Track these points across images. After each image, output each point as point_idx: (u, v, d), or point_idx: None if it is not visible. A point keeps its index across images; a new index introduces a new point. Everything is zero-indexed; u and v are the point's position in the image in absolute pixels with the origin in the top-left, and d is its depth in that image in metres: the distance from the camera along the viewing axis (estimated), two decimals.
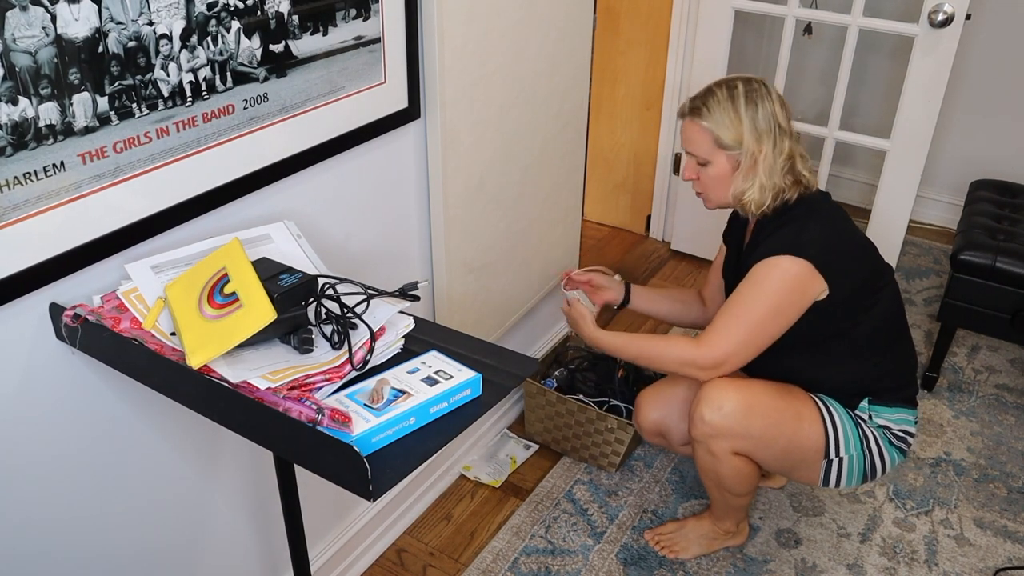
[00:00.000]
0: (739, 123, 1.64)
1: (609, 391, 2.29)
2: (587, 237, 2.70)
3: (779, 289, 1.62)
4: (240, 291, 1.06)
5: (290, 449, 1.02)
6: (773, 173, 1.65)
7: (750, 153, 1.65)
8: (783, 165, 1.66)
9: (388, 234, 1.74)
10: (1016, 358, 2.77)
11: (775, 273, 1.62)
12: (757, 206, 1.68)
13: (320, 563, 1.82)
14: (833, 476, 1.78)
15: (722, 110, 1.65)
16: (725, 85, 1.68)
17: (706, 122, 1.66)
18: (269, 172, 1.37)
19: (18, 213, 1.03)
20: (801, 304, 1.64)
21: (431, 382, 1.07)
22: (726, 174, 1.69)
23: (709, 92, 1.68)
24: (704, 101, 1.67)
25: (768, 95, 1.66)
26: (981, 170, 3.29)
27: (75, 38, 1.03)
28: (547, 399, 2.26)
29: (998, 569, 2.01)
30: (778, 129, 1.65)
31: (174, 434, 1.39)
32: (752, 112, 1.64)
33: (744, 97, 1.65)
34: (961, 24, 2.49)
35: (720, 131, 1.65)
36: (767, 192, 1.66)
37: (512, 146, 1.96)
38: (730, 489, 1.85)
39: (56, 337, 1.14)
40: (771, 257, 1.63)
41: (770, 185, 1.66)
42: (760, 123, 1.64)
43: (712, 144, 1.67)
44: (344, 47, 1.42)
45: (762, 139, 1.64)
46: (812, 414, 1.74)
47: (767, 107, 1.65)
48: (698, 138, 1.69)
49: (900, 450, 1.79)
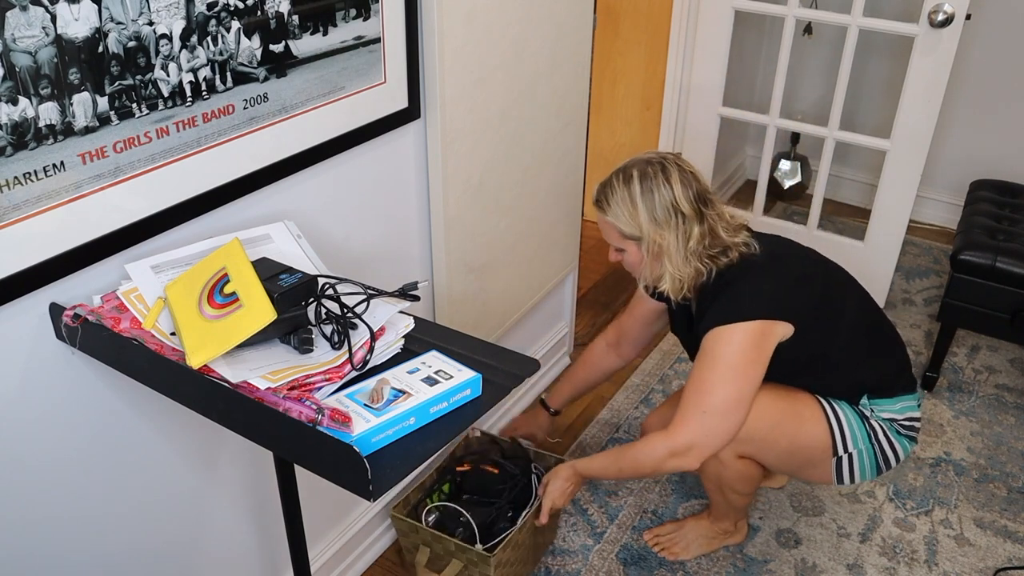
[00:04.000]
0: (636, 214, 1.60)
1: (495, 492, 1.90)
2: (587, 237, 2.70)
3: (734, 353, 1.60)
4: (240, 291, 1.06)
5: (290, 449, 1.02)
6: (681, 262, 1.62)
7: (653, 243, 1.61)
8: (695, 248, 1.61)
9: (388, 234, 1.74)
10: (1016, 358, 2.77)
11: (723, 341, 1.60)
12: (675, 293, 1.66)
13: (320, 563, 1.82)
14: (846, 473, 1.78)
15: (618, 201, 1.62)
16: (622, 174, 1.63)
17: (608, 216, 1.64)
18: (269, 172, 1.37)
19: (18, 213, 1.03)
20: (765, 356, 1.62)
21: (431, 382, 1.07)
22: (639, 261, 1.66)
23: (608, 183, 1.65)
24: (604, 193, 1.65)
25: (667, 180, 1.59)
26: (981, 170, 3.29)
27: (75, 38, 1.03)
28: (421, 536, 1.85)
29: (998, 569, 2.01)
30: (679, 216, 1.59)
31: (174, 434, 1.39)
32: (648, 201, 1.59)
33: (640, 185, 1.59)
34: (961, 24, 2.49)
35: (619, 223, 1.63)
36: (678, 281, 1.64)
37: (512, 146, 1.96)
38: (733, 490, 1.85)
39: (56, 337, 1.14)
40: (718, 327, 1.60)
41: (680, 274, 1.63)
42: (658, 212, 1.59)
43: (618, 235, 1.65)
44: (344, 47, 1.42)
45: (662, 228, 1.60)
46: (814, 413, 1.74)
47: (664, 194, 1.59)
48: (606, 228, 1.68)
49: (910, 438, 1.79)
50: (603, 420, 2.48)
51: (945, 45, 2.53)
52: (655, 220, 1.60)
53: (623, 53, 3.21)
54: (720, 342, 1.61)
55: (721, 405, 1.61)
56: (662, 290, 1.68)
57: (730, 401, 1.61)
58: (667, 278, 1.65)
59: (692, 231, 1.60)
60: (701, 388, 1.62)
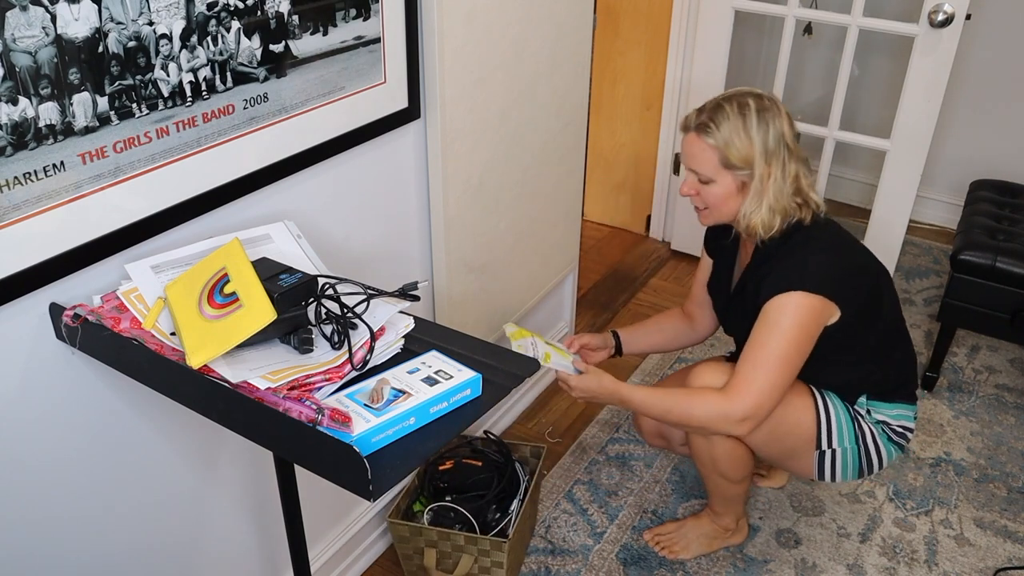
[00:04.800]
0: (749, 143, 1.55)
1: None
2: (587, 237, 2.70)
3: (796, 326, 1.58)
4: (240, 291, 1.06)
5: (290, 449, 1.02)
6: (782, 195, 1.59)
7: (759, 175, 1.57)
8: (791, 187, 1.59)
9: (388, 234, 1.74)
10: (1016, 358, 2.77)
11: (789, 311, 1.57)
12: (766, 230, 1.61)
13: (320, 563, 1.82)
14: (827, 468, 1.78)
15: (732, 128, 1.55)
16: (736, 101, 1.57)
17: (713, 140, 1.57)
18: (269, 172, 1.37)
19: (18, 213, 1.03)
20: (816, 334, 1.61)
21: (431, 382, 1.07)
22: (730, 194, 1.60)
23: (718, 108, 1.58)
24: (712, 117, 1.57)
25: (779, 113, 1.58)
26: (981, 170, 3.29)
27: (75, 38, 1.03)
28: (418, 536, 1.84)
29: (998, 569, 2.01)
30: (787, 150, 1.58)
31: (174, 434, 1.39)
32: (763, 131, 1.55)
33: (756, 115, 1.55)
34: (961, 24, 2.49)
35: (729, 151, 1.56)
36: (776, 215, 1.60)
37: (512, 146, 1.96)
38: (725, 474, 1.84)
39: (56, 337, 1.14)
40: (781, 295, 1.57)
41: (779, 208, 1.59)
42: (771, 143, 1.56)
43: (718, 163, 1.58)
44: (344, 47, 1.42)
45: (772, 160, 1.56)
46: (804, 403, 1.74)
47: (778, 126, 1.56)
48: (703, 156, 1.59)
49: (898, 445, 1.80)
50: (603, 420, 2.48)
51: (945, 45, 2.53)
52: (766, 151, 1.56)
53: (623, 53, 3.21)
54: (786, 312, 1.57)
55: (779, 380, 1.60)
56: (752, 225, 1.61)
57: (786, 376, 1.60)
58: (764, 211, 1.59)
59: (791, 169, 1.59)
60: (767, 359, 1.59)
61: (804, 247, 1.61)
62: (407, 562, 1.89)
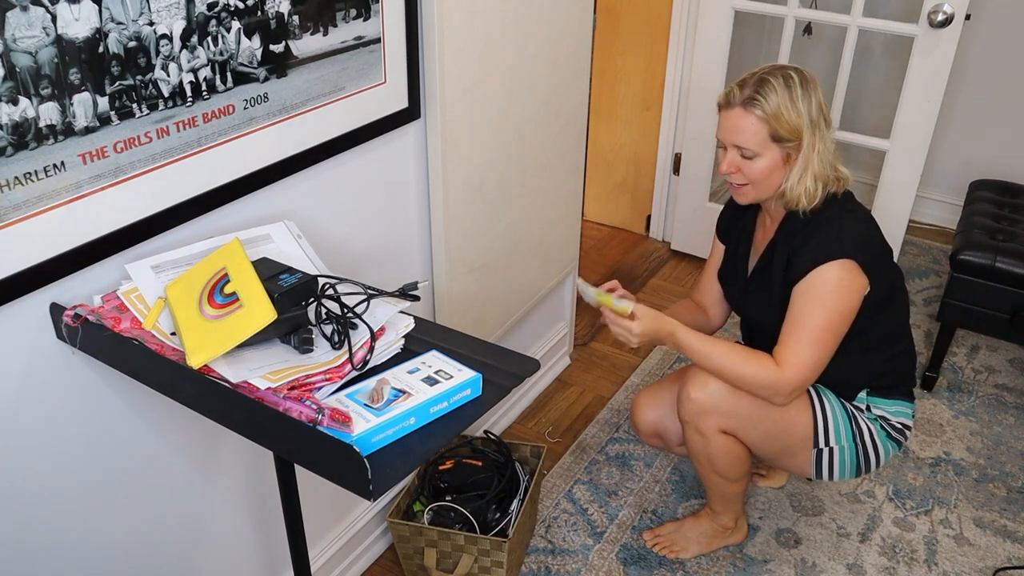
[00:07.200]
0: (798, 115, 1.57)
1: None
2: (587, 237, 2.70)
3: (839, 296, 1.59)
4: (240, 291, 1.06)
5: (290, 449, 1.02)
6: (825, 165, 1.61)
7: (806, 146, 1.59)
8: (831, 158, 1.63)
9: (388, 234, 1.74)
10: (1016, 358, 2.77)
11: (832, 282, 1.58)
12: (810, 199, 1.61)
13: (320, 563, 1.82)
14: (825, 466, 1.78)
15: (780, 100, 1.56)
16: (780, 75, 1.59)
17: (761, 111, 1.57)
18: (269, 172, 1.37)
19: (19, 213, 1.03)
20: (858, 305, 1.62)
21: (431, 382, 1.07)
22: (775, 167, 1.61)
23: (763, 81, 1.58)
24: (759, 90, 1.57)
25: (816, 85, 1.61)
26: (981, 170, 3.29)
27: (75, 38, 1.03)
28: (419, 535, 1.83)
29: (998, 569, 2.01)
30: (825, 122, 1.61)
31: (174, 434, 1.39)
32: (808, 102, 1.58)
33: (800, 87, 1.57)
34: (961, 24, 2.49)
35: (779, 123, 1.57)
36: (819, 183, 1.61)
37: (512, 146, 1.96)
38: (722, 472, 1.84)
39: (56, 337, 1.14)
40: (822, 266, 1.58)
41: (823, 176, 1.61)
42: (814, 114, 1.59)
43: (766, 136, 1.58)
44: (344, 47, 1.42)
45: (816, 131, 1.59)
46: (801, 401, 1.74)
47: (818, 97, 1.60)
48: (751, 129, 1.58)
49: (896, 442, 1.80)
50: (603, 420, 2.48)
51: (945, 45, 2.53)
52: (811, 122, 1.59)
53: (623, 53, 3.21)
54: (829, 283, 1.58)
55: (825, 353, 1.62)
56: (795, 196, 1.62)
57: (832, 348, 1.62)
58: (808, 179, 1.60)
59: (829, 140, 1.62)
60: (814, 332, 1.59)
61: (836, 218, 1.63)
62: (407, 562, 1.90)
